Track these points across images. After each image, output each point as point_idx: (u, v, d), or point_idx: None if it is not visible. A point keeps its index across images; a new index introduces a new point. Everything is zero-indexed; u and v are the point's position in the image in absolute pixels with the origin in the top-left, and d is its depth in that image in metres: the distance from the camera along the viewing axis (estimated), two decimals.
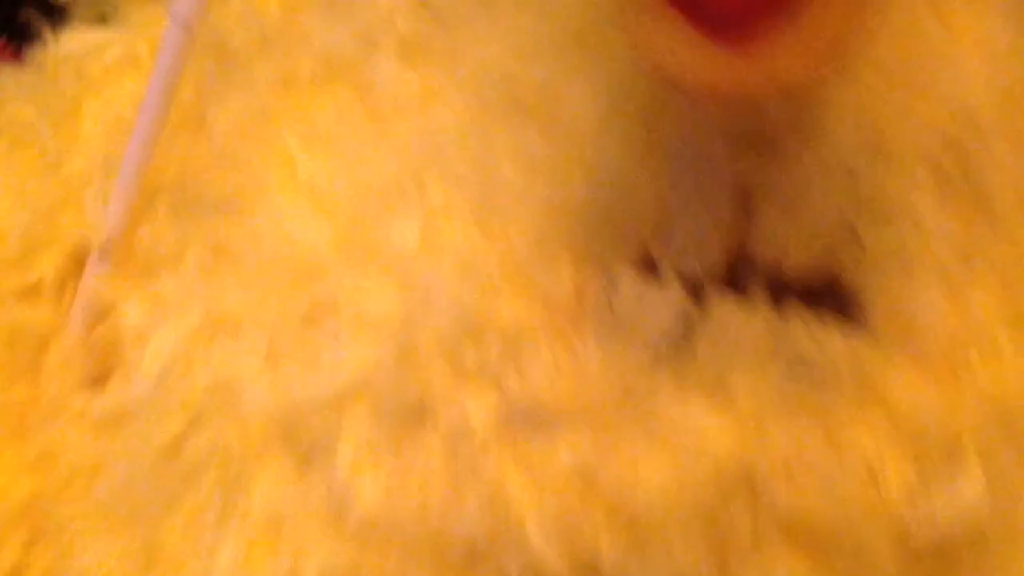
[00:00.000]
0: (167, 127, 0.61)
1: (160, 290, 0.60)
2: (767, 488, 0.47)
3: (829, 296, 0.50)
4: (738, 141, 0.49)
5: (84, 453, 0.59)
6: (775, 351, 0.49)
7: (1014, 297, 0.50)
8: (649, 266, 0.50)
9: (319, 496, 0.51)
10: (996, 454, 0.48)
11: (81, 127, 0.65)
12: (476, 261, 0.51)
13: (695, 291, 0.50)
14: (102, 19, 0.73)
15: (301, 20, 0.66)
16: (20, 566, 0.59)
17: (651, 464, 0.48)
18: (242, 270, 0.57)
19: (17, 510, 0.60)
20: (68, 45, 0.70)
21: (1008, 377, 0.49)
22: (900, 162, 0.49)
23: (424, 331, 0.51)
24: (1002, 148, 0.50)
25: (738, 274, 0.50)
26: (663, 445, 0.48)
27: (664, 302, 0.49)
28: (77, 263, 0.64)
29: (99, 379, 0.62)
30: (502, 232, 0.51)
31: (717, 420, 0.48)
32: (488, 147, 0.52)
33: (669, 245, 0.50)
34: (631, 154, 0.50)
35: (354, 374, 0.52)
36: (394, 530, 0.50)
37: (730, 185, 0.50)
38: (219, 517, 0.53)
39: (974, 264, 0.49)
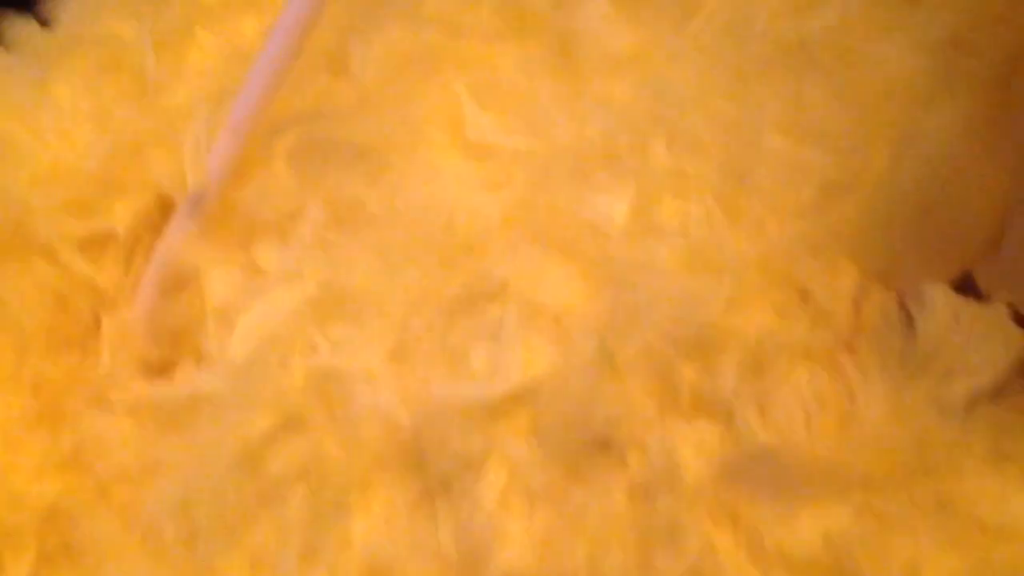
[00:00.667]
0: (300, 61, 0.47)
1: (261, 258, 0.46)
2: None
3: None
4: None
5: (134, 453, 0.44)
6: None
7: None
8: (968, 293, 0.35)
9: (446, 538, 0.37)
10: None
11: (189, 55, 0.52)
12: (714, 252, 0.37)
13: None
14: None
15: None
16: None
17: (938, 563, 0.33)
18: (376, 238, 0.43)
19: (38, 517, 0.45)
20: None
21: None
22: None
23: (626, 338, 0.37)
24: None
25: None
26: (960, 540, 0.33)
27: (993, 336, 0.34)
28: (161, 214, 0.50)
29: (166, 363, 0.48)
30: (756, 217, 0.37)
31: None
32: (745, 108, 0.38)
33: (1005, 272, 0.35)
34: (965, 136, 0.35)
35: (518, 382, 0.38)
36: None
37: None
38: (303, 552, 0.38)
39: None
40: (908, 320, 0.35)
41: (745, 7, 0.41)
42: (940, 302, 0.34)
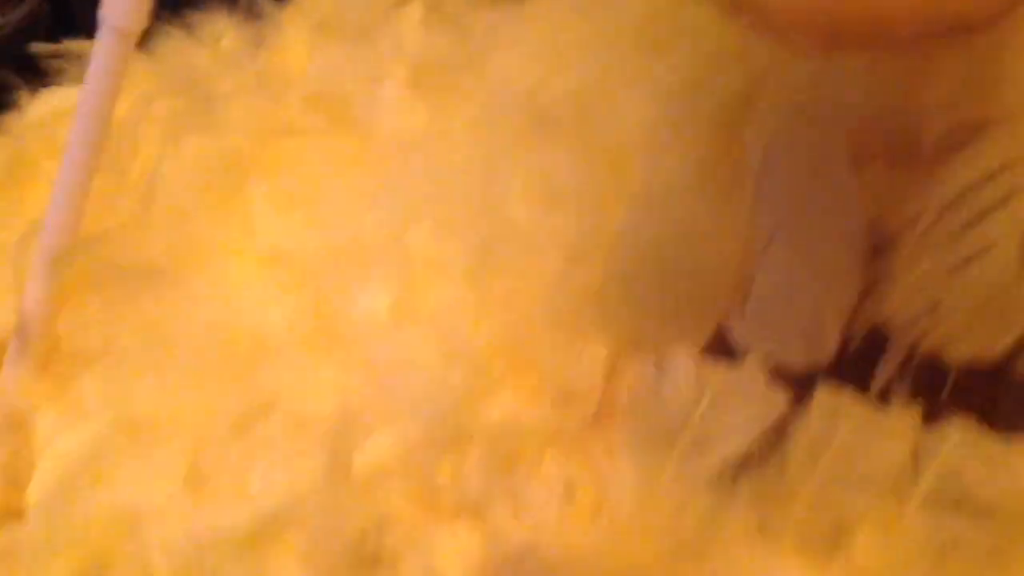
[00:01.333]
0: (102, 177, 0.46)
1: (80, 392, 0.44)
2: None
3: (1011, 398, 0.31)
4: (872, 153, 0.32)
5: None
6: (922, 480, 0.30)
7: None
8: (721, 351, 0.32)
9: None
10: None
11: (26, 192, 0.51)
12: (464, 338, 0.34)
13: (795, 384, 0.32)
14: None
15: (297, 56, 0.51)
16: None
17: None
18: (171, 359, 0.41)
19: None
20: (42, 107, 0.57)
21: None
22: None
23: (384, 439, 0.34)
24: None
25: (861, 360, 0.32)
26: None
27: (745, 399, 0.31)
28: None
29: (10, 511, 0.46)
30: (505, 297, 0.34)
31: None
32: (496, 180, 0.36)
33: (757, 324, 0.32)
34: (699, 184, 0.32)
35: (283, 502, 0.35)
36: None
37: (859, 229, 0.32)
38: None
39: None
40: (654, 392, 0.32)
41: (509, 75, 0.39)
42: (686, 369, 0.31)
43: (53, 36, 0.80)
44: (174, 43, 0.56)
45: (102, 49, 0.42)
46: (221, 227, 0.44)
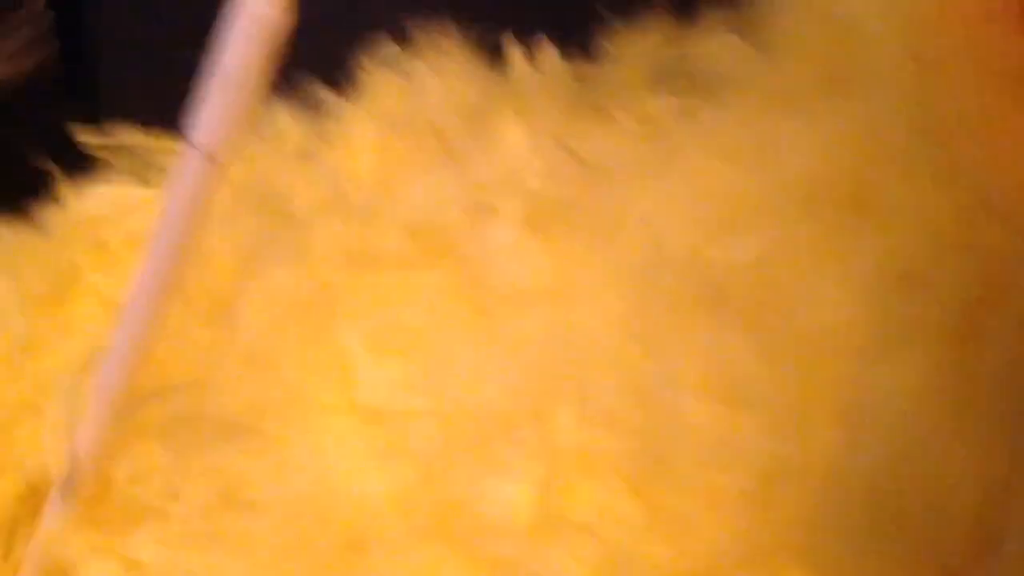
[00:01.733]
0: (176, 313, 0.41)
1: (136, 551, 0.39)
2: None
3: None
4: None
5: None
6: None
7: None
8: None
9: None
10: None
11: (74, 309, 0.46)
12: (627, 561, 0.29)
13: None
14: (141, 176, 0.54)
15: (395, 179, 0.47)
16: None
17: None
18: (252, 530, 0.36)
19: None
20: (87, 204, 0.51)
21: None
22: None
23: None
24: None
25: None
26: None
27: None
28: (37, 498, 0.43)
29: None
30: (681, 516, 0.29)
31: None
32: (659, 362, 0.31)
33: None
34: (924, 403, 0.28)
35: None
36: None
37: None
38: None
39: None
40: None
41: (662, 231, 0.34)
42: None
43: (70, 93, 0.75)
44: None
45: (191, 172, 0.37)
46: (310, 374, 0.39)
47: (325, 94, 0.56)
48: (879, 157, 0.30)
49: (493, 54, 0.54)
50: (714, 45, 0.46)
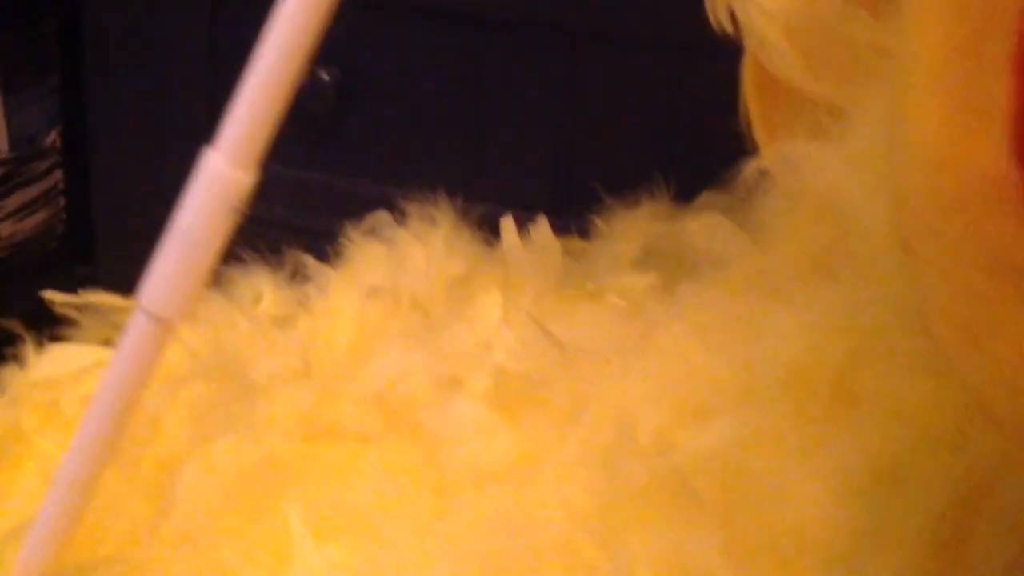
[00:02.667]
0: (115, 478, 0.38)
1: None
2: None
3: None
4: None
5: None
6: None
7: None
8: None
9: None
10: None
11: (12, 473, 0.43)
12: None
13: None
14: (109, 338, 0.53)
15: (364, 348, 0.44)
16: None
17: None
18: None
19: None
20: (45, 364, 0.49)
21: None
22: None
23: None
24: None
25: None
26: None
27: None
28: None
29: None
30: None
31: None
32: (619, 558, 0.28)
33: None
34: None
35: None
36: None
37: None
38: None
39: None
40: None
41: (630, 414, 0.32)
42: None
43: (69, 251, 0.73)
44: (205, 304, 0.49)
45: (136, 333, 0.35)
46: (246, 558, 0.36)
47: (309, 262, 0.55)
48: (864, 347, 0.28)
49: (492, 229, 0.53)
50: (703, 224, 0.45)
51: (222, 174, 0.34)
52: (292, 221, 0.66)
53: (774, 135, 0.35)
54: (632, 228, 0.48)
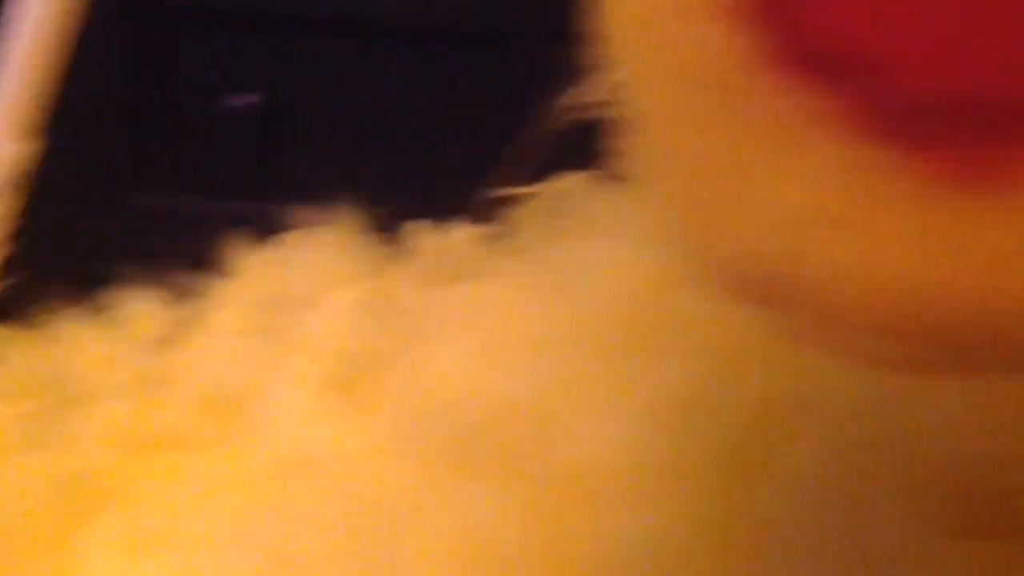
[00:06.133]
0: None
1: None
2: None
3: None
4: (971, 525, 0.20)
5: None
6: None
7: None
8: None
9: None
10: None
11: None
12: None
13: None
14: None
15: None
16: None
17: None
18: None
19: None
20: None
21: None
22: None
23: None
24: None
25: None
26: None
27: None
28: None
29: None
30: None
31: None
32: (403, 530, 0.25)
33: None
34: (697, 549, 0.21)
35: None
36: None
37: None
38: None
39: None
40: None
41: (436, 388, 0.29)
42: None
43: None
44: (67, 329, 0.46)
45: None
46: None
47: (190, 278, 0.51)
48: (664, 278, 0.25)
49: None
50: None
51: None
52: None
53: None
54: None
